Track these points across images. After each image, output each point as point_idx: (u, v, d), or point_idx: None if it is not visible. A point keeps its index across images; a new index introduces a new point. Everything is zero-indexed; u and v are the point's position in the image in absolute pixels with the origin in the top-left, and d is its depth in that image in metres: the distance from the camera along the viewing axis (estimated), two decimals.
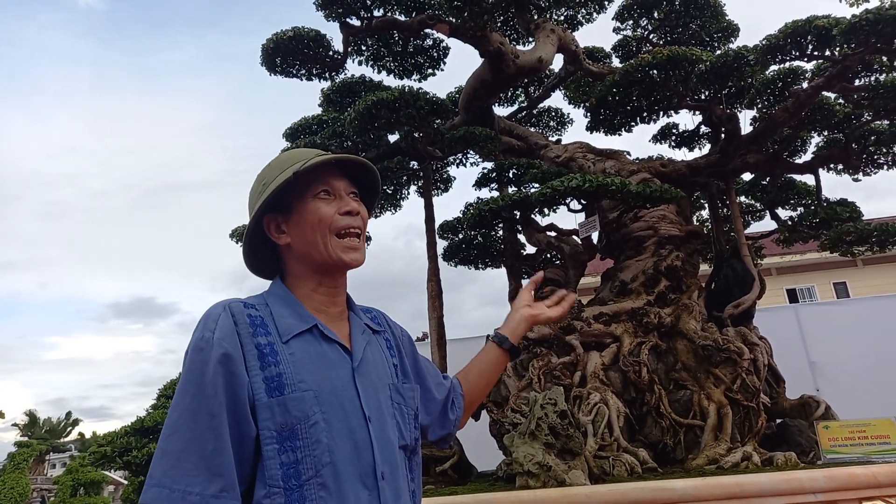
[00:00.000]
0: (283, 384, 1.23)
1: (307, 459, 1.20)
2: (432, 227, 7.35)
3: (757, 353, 5.99)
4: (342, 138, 7.23)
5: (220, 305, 1.29)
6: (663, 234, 6.75)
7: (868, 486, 4.44)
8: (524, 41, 8.27)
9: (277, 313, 1.33)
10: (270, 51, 6.92)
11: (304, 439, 1.21)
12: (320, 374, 1.28)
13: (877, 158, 7.43)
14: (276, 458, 1.19)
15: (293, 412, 1.22)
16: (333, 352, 1.34)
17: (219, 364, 1.20)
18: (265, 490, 1.18)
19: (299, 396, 1.23)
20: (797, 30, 5.72)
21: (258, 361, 1.23)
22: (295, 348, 1.28)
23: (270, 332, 1.29)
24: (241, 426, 1.19)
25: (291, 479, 1.19)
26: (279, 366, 1.24)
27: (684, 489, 4.38)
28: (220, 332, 1.23)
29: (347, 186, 1.44)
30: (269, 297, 1.38)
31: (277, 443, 1.20)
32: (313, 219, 1.38)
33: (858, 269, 19.73)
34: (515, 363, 6.17)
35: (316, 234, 1.37)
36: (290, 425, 1.21)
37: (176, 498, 1.12)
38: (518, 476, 4.94)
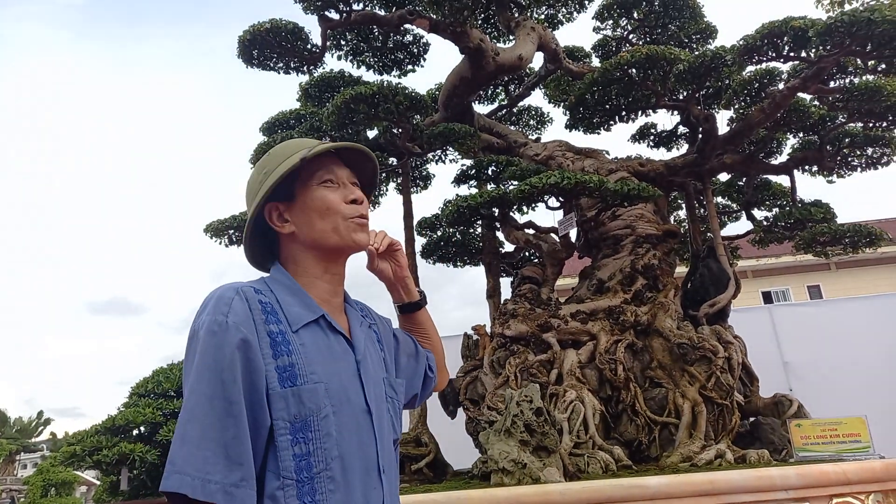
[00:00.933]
0: (295, 374, 1.22)
1: (318, 452, 1.20)
2: (411, 224, 7.30)
3: (731, 352, 6.03)
4: (320, 133, 7.15)
5: (232, 289, 1.26)
6: (641, 233, 6.78)
7: (839, 484, 4.49)
8: (505, 39, 8.25)
9: (284, 301, 1.31)
10: (247, 43, 6.82)
11: (315, 431, 1.20)
12: (329, 366, 1.27)
13: (850, 161, 7.52)
14: (289, 449, 1.18)
15: (307, 404, 1.20)
16: (339, 344, 1.33)
17: (237, 350, 1.17)
18: (279, 482, 1.16)
19: (312, 388, 1.22)
20: (774, 30, 5.76)
21: (271, 350, 1.21)
22: (305, 339, 1.27)
23: (280, 320, 1.27)
24: (258, 415, 1.17)
25: (303, 472, 1.18)
26: (291, 356, 1.23)
27: (658, 486, 4.39)
28: (235, 315, 1.20)
29: (350, 176, 1.43)
30: (273, 284, 1.35)
31: (291, 434, 1.19)
32: (321, 206, 1.36)
33: (832, 273, 20.06)
34: (493, 361, 6.15)
35: (325, 222, 1.36)
36: (303, 417, 1.20)
37: (197, 485, 1.10)
38: (493, 474, 4.92)
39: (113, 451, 8.36)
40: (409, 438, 6.39)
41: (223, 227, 7.25)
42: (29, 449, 37.49)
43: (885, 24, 5.29)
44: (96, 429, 8.79)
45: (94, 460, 8.42)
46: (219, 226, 7.24)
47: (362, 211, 1.39)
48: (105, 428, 8.69)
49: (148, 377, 9.88)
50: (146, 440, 8.89)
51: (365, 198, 1.43)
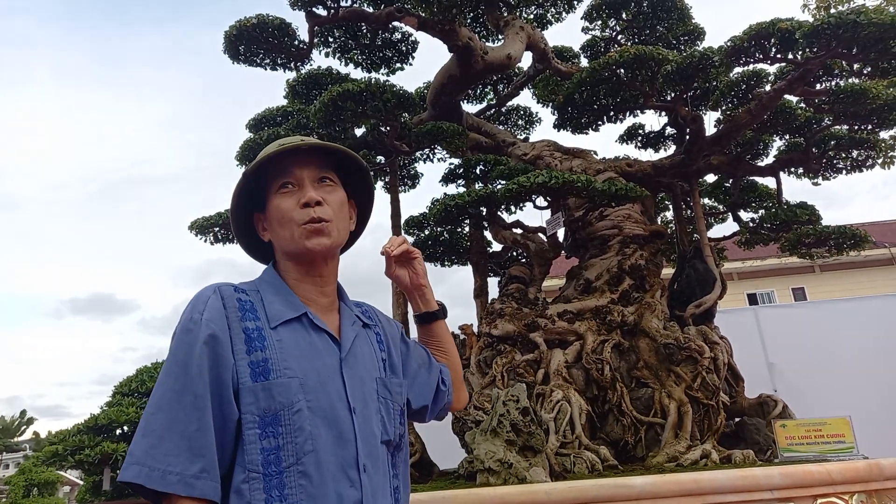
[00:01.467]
0: (268, 369, 1.22)
1: (289, 446, 1.19)
2: (398, 223, 7.27)
3: (717, 352, 6.05)
4: (307, 130, 7.10)
5: (211, 288, 1.30)
6: (628, 233, 6.78)
7: (823, 484, 4.50)
8: (493, 38, 8.24)
9: (268, 300, 1.33)
10: (233, 38, 6.76)
11: (286, 426, 1.20)
12: (307, 362, 1.27)
13: (836, 163, 7.57)
14: (257, 442, 1.18)
15: (277, 398, 1.21)
16: (322, 341, 1.33)
17: (205, 345, 1.20)
18: (244, 475, 1.17)
19: (284, 382, 1.22)
20: (761, 32, 5.78)
21: (245, 346, 1.23)
22: (283, 335, 1.28)
23: (259, 317, 1.29)
24: (224, 409, 1.19)
25: (271, 465, 1.18)
26: (265, 351, 1.24)
27: (643, 486, 4.38)
28: (209, 313, 1.23)
29: (316, 172, 1.41)
30: (261, 284, 1.38)
31: (259, 428, 1.19)
32: (277, 215, 1.38)
33: (816, 275, 20.27)
34: (479, 360, 6.13)
35: (284, 230, 1.37)
36: (273, 411, 1.20)
37: (156, 477, 1.12)
38: (479, 473, 4.89)
39: (96, 450, 8.28)
40: None
41: (209, 224, 7.18)
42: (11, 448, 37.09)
43: (871, 26, 5.32)
44: (79, 428, 8.70)
45: (77, 460, 8.34)
46: (204, 223, 7.17)
47: (313, 214, 1.36)
48: (88, 427, 8.61)
49: (132, 376, 9.79)
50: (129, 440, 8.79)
51: (328, 195, 1.40)
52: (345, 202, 1.46)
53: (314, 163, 1.41)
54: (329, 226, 1.37)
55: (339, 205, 1.42)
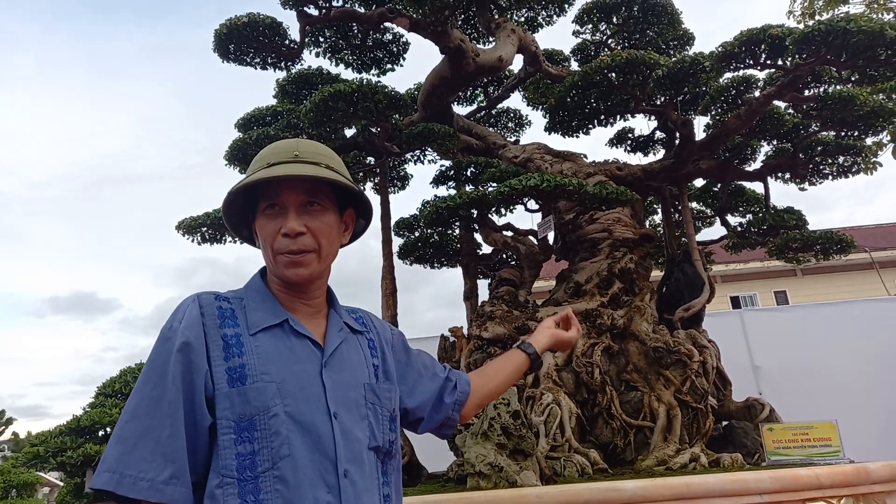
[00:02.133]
0: (245, 375, 1.23)
1: (264, 451, 1.20)
2: (388, 224, 7.24)
3: (706, 356, 6.08)
4: (297, 130, 7.05)
5: (191, 297, 1.31)
6: (618, 236, 6.80)
7: (811, 488, 4.53)
8: (484, 40, 8.23)
9: (251, 307, 1.34)
10: (223, 37, 6.70)
11: (262, 430, 1.20)
12: (286, 367, 1.27)
13: (822, 169, 7.64)
14: (231, 447, 1.19)
15: (253, 402, 1.21)
16: (303, 347, 1.33)
17: (178, 352, 1.21)
18: (218, 479, 1.17)
19: (260, 387, 1.23)
20: (752, 38, 5.82)
21: (222, 352, 1.24)
22: (262, 341, 1.29)
23: (239, 324, 1.30)
24: (196, 415, 1.20)
25: (247, 470, 1.18)
26: (243, 357, 1.25)
27: (634, 490, 4.38)
28: (186, 321, 1.25)
29: (303, 197, 1.39)
30: (247, 291, 1.40)
31: (235, 433, 1.20)
32: (261, 235, 1.39)
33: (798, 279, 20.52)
34: (469, 363, 6.11)
35: (266, 252, 1.39)
36: (248, 416, 1.20)
37: (126, 483, 1.13)
38: (469, 477, 4.88)
39: (78, 452, 8.18)
40: None
41: (196, 224, 7.10)
42: None
43: (861, 34, 5.38)
44: (61, 429, 8.58)
45: (59, 461, 8.23)
46: (192, 223, 7.08)
47: (291, 247, 1.35)
48: (70, 429, 8.49)
49: (115, 377, 9.68)
50: None
51: (311, 223, 1.38)
52: (333, 224, 1.44)
53: (304, 186, 1.39)
54: (308, 257, 1.37)
55: (327, 229, 1.41)
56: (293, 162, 1.37)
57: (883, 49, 5.80)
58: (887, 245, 20.38)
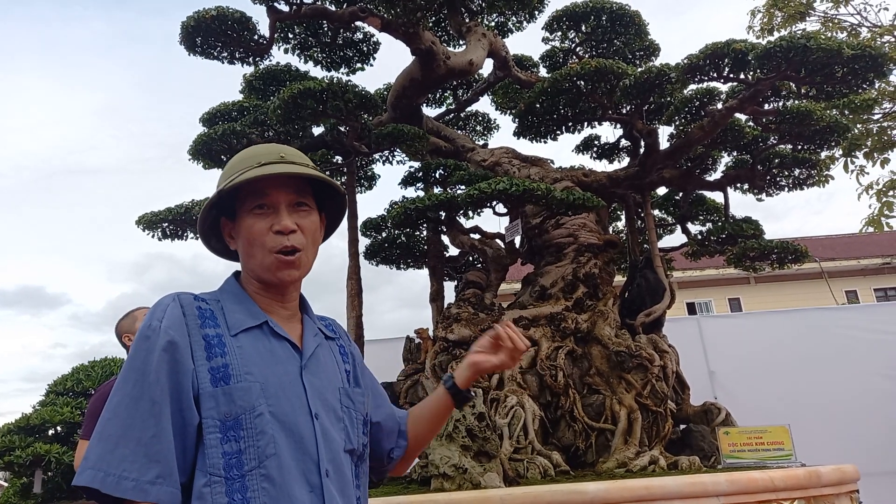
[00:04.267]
0: (229, 374, 1.24)
1: (251, 450, 1.20)
2: (355, 224, 7.21)
3: (666, 361, 6.21)
4: (264, 127, 6.97)
5: (171, 296, 1.31)
6: (583, 241, 6.90)
7: (766, 490, 4.67)
8: (455, 43, 8.26)
9: (229, 308, 1.34)
10: (191, 29, 6.58)
11: (248, 429, 1.21)
12: (268, 368, 1.28)
13: (779, 180, 7.89)
14: (218, 447, 1.19)
15: (238, 402, 1.22)
16: (283, 349, 1.33)
17: (163, 351, 1.21)
18: (206, 479, 1.17)
19: (245, 386, 1.23)
20: (716, 51, 5.98)
21: (205, 352, 1.25)
22: (243, 342, 1.29)
23: (219, 324, 1.30)
24: (185, 414, 1.20)
25: (233, 469, 1.18)
26: (226, 356, 1.25)
27: (595, 492, 4.46)
28: (168, 320, 1.24)
29: (293, 197, 1.39)
30: (222, 294, 1.39)
31: (221, 432, 1.20)
32: (248, 236, 1.37)
33: (751, 286, 21.13)
34: (434, 365, 6.12)
35: (253, 253, 1.37)
36: (234, 415, 1.21)
37: (110, 482, 1.13)
38: (434, 479, 4.88)
39: (27, 451, 7.91)
40: None
41: (157, 219, 6.96)
42: None
43: (820, 51, 5.58)
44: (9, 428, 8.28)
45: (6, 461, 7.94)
46: (153, 218, 6.94)
47: (286, 243, 1.35)
48: (19, 427, 8.21)
49: (67, 374, 9.39)
50: (63, 441, 8.44)
51: (302, 221, 1.39)
52: (318, 226, 1.45)
53: (292, 185, 1.39)
54: (301, 256, 1.37)
55: (313, 230, 1.42)
56: (282, 163, 1.37)
57: (840, 67, 6.03)
58: (836, 255, 21.14)
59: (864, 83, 6.31)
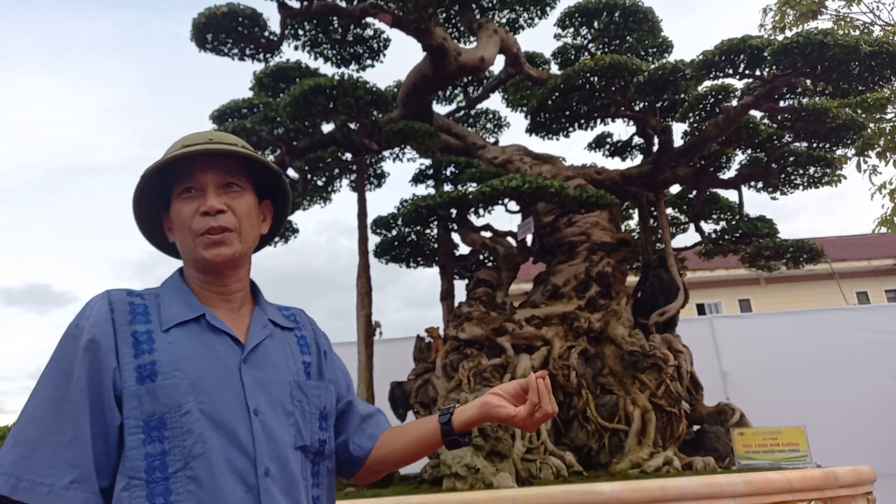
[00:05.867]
0: (155, 372, 1.18)
1: (175, 451, 1.14)
2: (364, 223, 7.15)
3: (680, 361, 6.14)
4: (274, 124, 6.93)
5: (101, 294, 1.26)
6: (595, 240, 6.83)
7: (782, 491, 4.61)
8: (466, 40, 8.21)
9: (166, 303, 1.29)
10: (201, 26, 6.55)
11: (172, 429, 1.15)
12: (202, 363, 1.22)
13: (794, 179, 7.79)
14: (139, 448, 1.14)
15: (163, 400, 1.16)
16: (222, 343, 1.27)
17: (85, 350, 1.16)
18: (125, 482, 1.12)
19: (172, 384, 1.17)
20: (732, 48, 5.90)
21: (132, 349, 1.19)
22: (175, 337, 1.23)
23: (151, 320, 1.24)
24: (106, 415, 1.15)
25: (156, 472, 1.13)
26: (154, 353, 1.20)
27: (610, 492, 4.40)
28: (93, 318, 1.20)
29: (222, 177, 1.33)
30: (163, 289, 1.34)
31: (143, 433, 1.15)
32: (178, 220, 1.32)
33: (761, 287, 20.95)
34: (445, 364, 6.07)
35: (183, 238, 1.32)
36: (158, 414, 1.15)
37: (23, 488, 1.08)
38: (445, 478, 4.84)
39: None
40: None
41: None
42: None
43: (837, 47, 5.49)
44: None
45: None
46: None
47: (212, 223, 1.28)
48: None
49: None
50: None
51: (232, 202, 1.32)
52: (253, 207, 1.37)
53: (220, 166, 1.32)
54: (230, 235, 1.30)
55: (247, 211, 1.35)
56: (208, 144, 1.31)
57: (856, 64, 5.94)
58: (847, 256, 20.94)
59: (880, 80, 6.22)
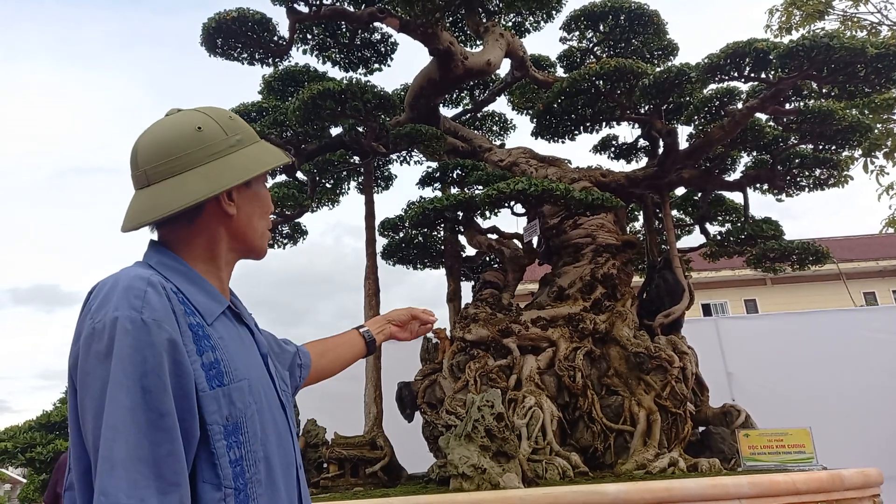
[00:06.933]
0: (221, 372, 1.11)
1: (248, 455, 1.11)
2: (372, 225, 7.22)
3: (686, 362, 6.17)
4: (283, 127, 6.99)
5: (140, 278, 1.08)
6: (601, 242, 6.87)
7: (788, 493, 4.63)
8: (472, 44, 8.26)
9: (186, 290, 1.16)
10: (212, 31, 6.63)
11: (245, 433, 1.12)
12: (246, 360, 1.19)
13: (800, 181, 7.80)
14: (226, 455, 1.07)
15: (237, 403, 1.11)
16: (247, 336, 1.26)
17: (164, 352, 1.03)
18: (220, 493, 1.05)
19: (240, 386, 1.13)
20: (737, 50, 5.93)
21: (194, 345, 1.09)
22: (221, 332, 1.17)
23: (194, 311, 1.14)
24: (189, 424, 1.05)
25: (239, 479, 1.09)
26: (215, 351, 1.12)
27: (616, 493, 4.44)
28: (154, 311, 1.05)
29: None
30: (166, 271, 1.17)
31: (225, 438, 1.08)
32: (265, 206, 1.32)
33: (768, 288, 20.90)
34: (452, 365, 6.12)
35: (261, 223, 1.32)
36: (234, 418, 1.10)
37: None
38: (452, 478, 4.88)
39: (47, 448, 8.00)
40: (363, 441, 6.31)
41: None
42: None
43: (843, 50, 5.51)
44: (30, 425, 8.39)
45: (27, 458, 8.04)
46: None
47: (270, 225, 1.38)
48: (40, 424, 8.31)
49: None
50: None
51: None
52: None
53: None
54: None
55: None
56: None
57: (863, 66, 5.95)
58: (854, 256, 20.87)
59: (887, 83, 6.23)
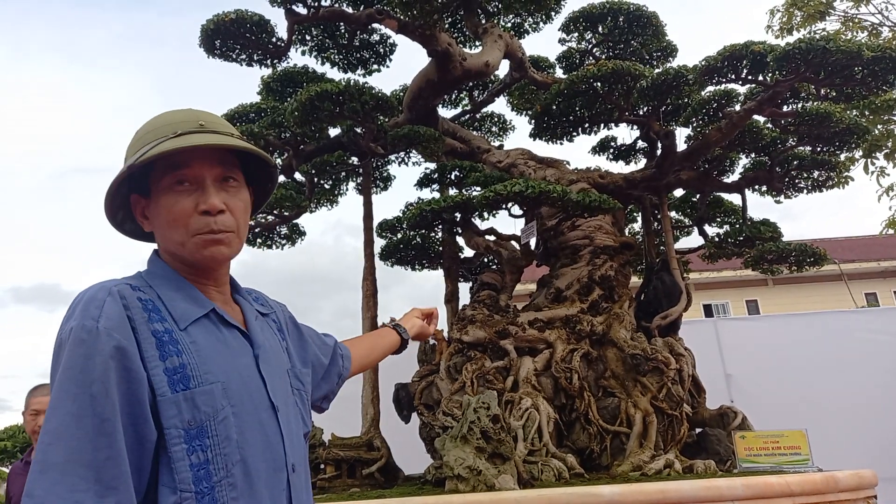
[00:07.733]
0: (187, 376, 1.11)
1: (217, 459, 1.10)
2: (370, 225, 7.23)
3: (682, 364, 6.18)
4: (281, 128, 7.02)
5: (104, 289, 1.10)
6: (598, 243, 6.88)
7: (782, 495, 4.64)
8: (471, 45, 8.27)
9: (167, 296, 1.17)
10: (210, 32, 6.65)
11: (213, 437, 1.10)
12: (226, 363, 1.17)
13: (798, 182, 7.81)
14: (185, 459, 1.08)
15: (202, 408, 1.10)
16: (235, 339, 1.22)
17: (110, 359, 1.04)
18: (176, 496, 1.06)
19: (207, 390, 1.11)
20: (735, 53, 5.94)
21: (157, 351, 1.09)
22: (195, 336, 1.15)
23: (165, 318, 1.14)
24: (140, 429, 1.06)
25: (202, 482, 1.08)
26: (182, 356, 1.11)
27: (611, 495, 4.45)
28: (108, 320, 1.06)
29: (220, 171, 1.23)
30: (152, 279, 1.20)
31: (186, 442, 1.08)
32: (168, 216, 1.20)
33: (769, 288, 20.89)
34: (449, 366, 6.14)
35: (172, 233, 1.20)
36: (198, 422, 1.09)
37: None
38: (448, 480, 4.89)
39: None
40: (360, 442, 6.32)
41: None
42: None
43: (839, 53, 5.52)
44: None
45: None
46: None
47: (213, 226, 1.19)
48: None
49: None
50: None
51: (231, 200, 1.23)
52: (248, 203, 1.30)
53: (217, 156, 1.22)
54: (230, 237, 1.23)
55: (244, 209, 1.27)
56: (202, 132, 1.20)
57: (860, 68, 5.97)
58: (855, 257, 20.85)
59: (884, 84, 6.24)
